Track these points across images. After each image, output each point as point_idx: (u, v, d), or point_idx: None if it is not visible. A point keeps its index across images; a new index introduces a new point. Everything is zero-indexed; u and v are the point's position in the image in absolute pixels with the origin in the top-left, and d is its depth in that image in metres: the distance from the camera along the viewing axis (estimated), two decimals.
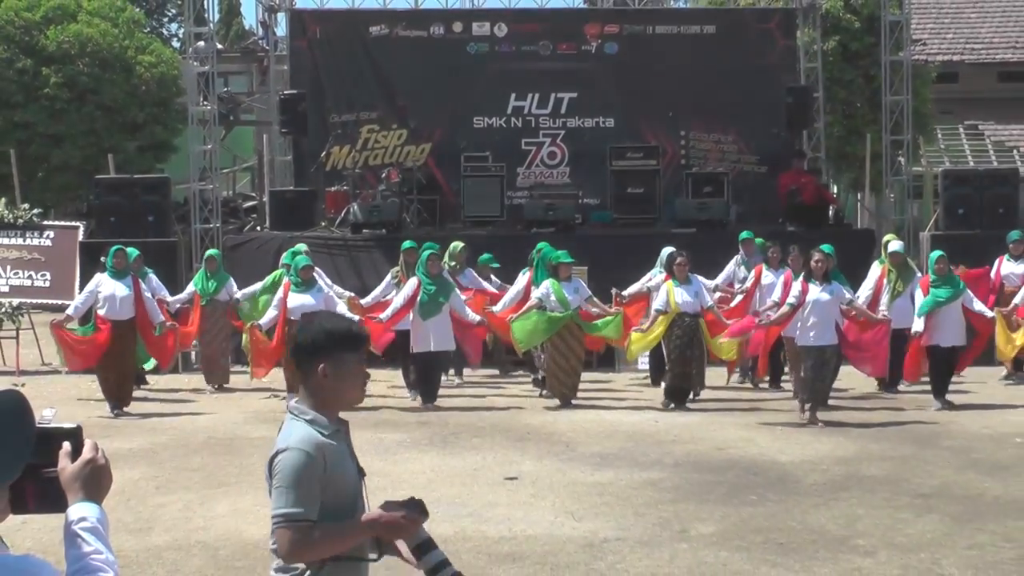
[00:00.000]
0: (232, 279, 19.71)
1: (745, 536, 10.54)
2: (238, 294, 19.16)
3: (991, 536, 10.47)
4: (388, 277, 19.01)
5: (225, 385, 19.50)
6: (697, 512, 11.41)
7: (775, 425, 15.94)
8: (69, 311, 17.71)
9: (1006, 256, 19.17)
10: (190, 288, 19.50)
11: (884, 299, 17.71)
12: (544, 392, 17.97)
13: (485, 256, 19.97)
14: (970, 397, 17.38)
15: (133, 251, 18.09)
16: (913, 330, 17.05)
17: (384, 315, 17.47)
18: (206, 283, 19.32)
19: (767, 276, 18.55)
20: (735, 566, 9.68)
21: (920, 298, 17.16)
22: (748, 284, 18.80)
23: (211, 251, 20.40)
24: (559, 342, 17.27)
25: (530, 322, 17.27)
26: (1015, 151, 41.84)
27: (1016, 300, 17.86)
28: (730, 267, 19.62)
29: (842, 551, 10.05)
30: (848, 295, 16.32)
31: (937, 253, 17.33)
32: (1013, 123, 42.79)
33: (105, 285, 17.33)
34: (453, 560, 9.75)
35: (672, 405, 16.95)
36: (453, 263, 19.03)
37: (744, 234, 19.92)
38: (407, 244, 18.76)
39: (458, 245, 19.53)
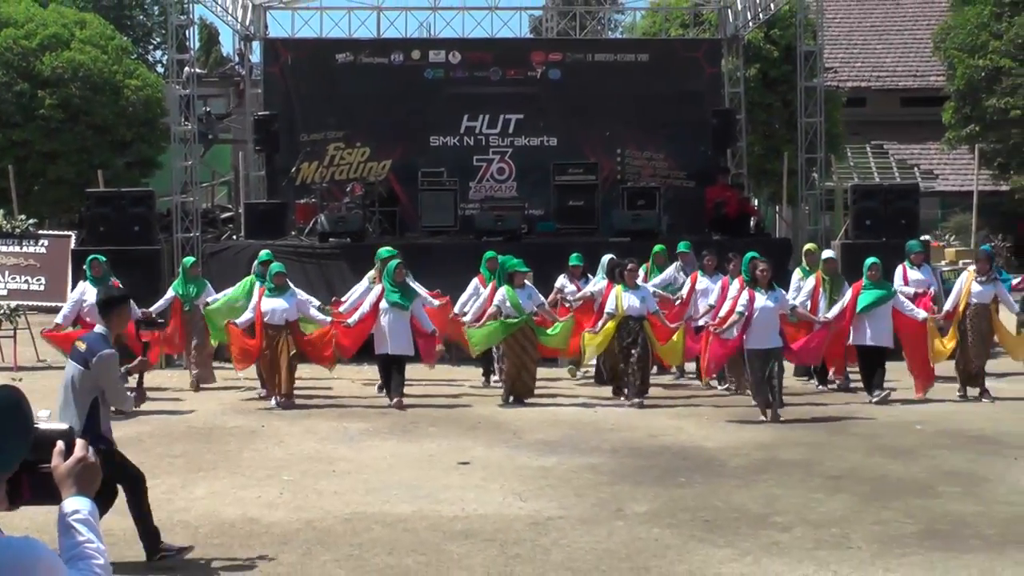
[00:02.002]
0: (209, 284, 19.46)
1: (675, 514, 10.57)
2: (209, 298, 18.61)
3: (895, 513, 10.54)
4: (365, 281, 18.56)
5: (204, 385, 18.72)
6: (632, 493, 11.43)
7: (702, 415, 16.00)
8: (58, 319, 17.47)
9: (907, 264, 19.02)
10: (169, 294, 18.83)
11: (822, 306, 17.34)
12: (497, 383, 17.74)
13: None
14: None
15: (101, 257, 17.77)
16: (829, 315, 16.74)
17: (351, 320, 17.29)
18: (187, 289, 18.95)
19: (702, 282, 18.43)
20: (666, 541, 9.71)
21: (848, 297, 16.89)
22: (685, 291, 18.60)
23: (189, 258, 19.96)
24: (515, 344, 17.00)
25: (487, 329, 17.11)
26: (916, 168, 42.25)
27: (947, 306, 17.64)
28: (669, 271, 19.39)
29: (762, 527, 10.10)
30: (790, 302, 16.23)
31: (871, 260, 17.03)
32: (914, 143, 43.21)
33: (89, 293, 16.84)
34: (408, 538, 9.73)
35: (639, 401, 16.72)
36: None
37: (681, 245, 19.76)
38: (385, 252, 18.21)
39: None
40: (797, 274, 18.81)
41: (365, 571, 8.96)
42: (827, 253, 18.39)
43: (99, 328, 9.30)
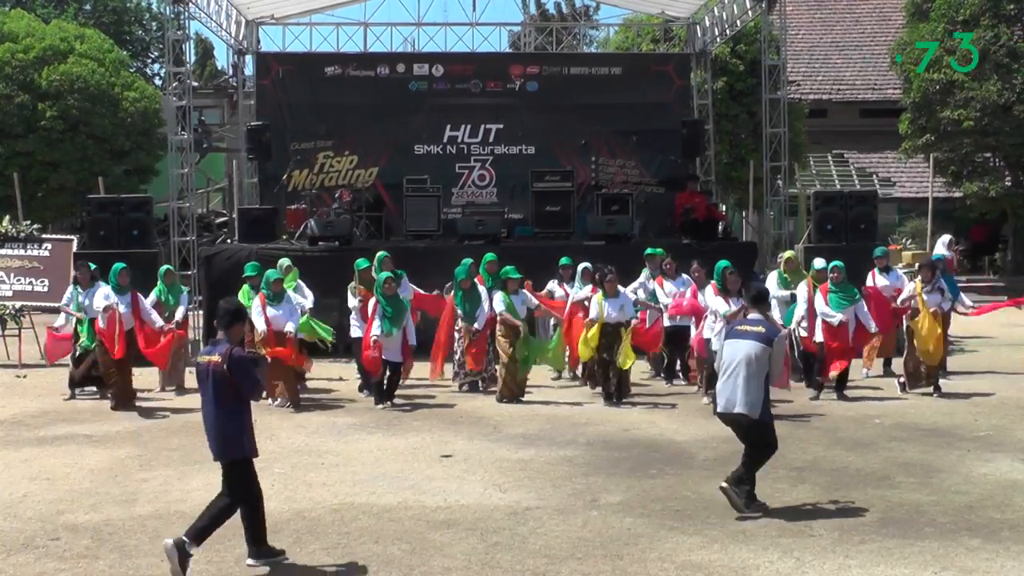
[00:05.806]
0: (185, 293, 19.01)
1: (647, 504, 10.58)
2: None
3: (854, 502, 10.57)
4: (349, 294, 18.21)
5: (183, 386, 18.22)
6: (606, 484, 11.44)
7: (673, 410, 16.01)
8: (59, 321, 16.45)
9: (876, 270, 18.84)
10: (154, 297, 18.11)
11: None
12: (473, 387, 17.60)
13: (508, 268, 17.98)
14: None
15: (119, 264, 17.05)
16: (838, 321, 16.40)
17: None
18: (167, 296, 18.34)
19: (667, 286, 18.22)
20: (638, 530, 9.73)
21: (820, 300, 16.63)
22: (648, 293, 18.27)
23: (166, 266, 19.54)
24: (513, 354, 16.87)
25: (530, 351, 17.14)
26: (874, 176, 42.38)
27: (900, 300, 17.45)
28: (641, 278, 19.13)
29: (729, 516, 10.11)
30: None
31: (835, 263, 16.84)
32: (872, 152, 43.35)
33: (112, 299, 16.29)
34: (393, 528, 9.70)
35: (615, 401, 16.56)
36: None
37: (648, 251, 19.46)
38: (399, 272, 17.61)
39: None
40: (773, 277, 18.37)
41: (352, 559, 8.96)
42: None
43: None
